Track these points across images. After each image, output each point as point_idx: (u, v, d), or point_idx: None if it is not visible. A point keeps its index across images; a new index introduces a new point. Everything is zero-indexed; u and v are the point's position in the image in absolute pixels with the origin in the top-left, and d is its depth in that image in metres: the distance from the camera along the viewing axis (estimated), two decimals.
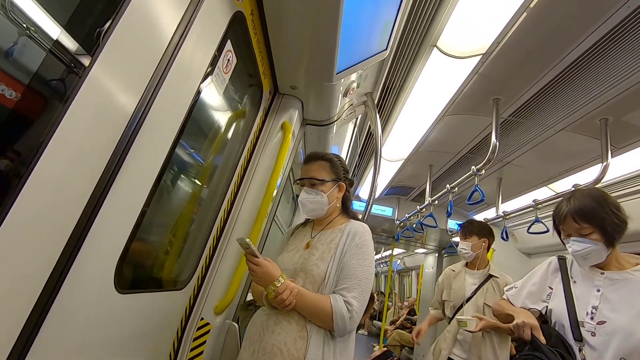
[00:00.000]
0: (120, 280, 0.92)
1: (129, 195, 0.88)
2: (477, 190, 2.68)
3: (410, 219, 4.55)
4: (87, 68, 0.65)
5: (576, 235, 1.32)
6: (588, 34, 1.83)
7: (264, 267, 1.11)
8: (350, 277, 1.16)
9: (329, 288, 1.17)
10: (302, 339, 1.11)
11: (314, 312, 1.12)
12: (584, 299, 1.33)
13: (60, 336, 0.76)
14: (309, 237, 1.36)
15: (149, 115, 0.84)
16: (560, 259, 1.52)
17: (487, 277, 2.33)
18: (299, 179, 1.40)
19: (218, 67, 1.18)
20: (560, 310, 1.37)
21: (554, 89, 2.30)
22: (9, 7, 0.60)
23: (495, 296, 2.21)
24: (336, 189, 1.36)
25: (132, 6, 0.72)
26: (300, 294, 1.13)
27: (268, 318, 1.18)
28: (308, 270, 1.20)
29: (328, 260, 1.20)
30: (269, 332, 1.14)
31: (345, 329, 1.12)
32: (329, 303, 1.11)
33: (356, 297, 1.13)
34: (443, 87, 2.38)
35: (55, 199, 0.66)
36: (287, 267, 1.26)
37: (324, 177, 1.34)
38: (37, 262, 0.66)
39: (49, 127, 0.61)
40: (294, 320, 1.14)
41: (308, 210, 1.35)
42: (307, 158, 1.43)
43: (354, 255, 1.20)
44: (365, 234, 1.27)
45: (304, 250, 1.30)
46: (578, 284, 1.39)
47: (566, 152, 3.05)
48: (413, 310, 8.20)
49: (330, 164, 1.37)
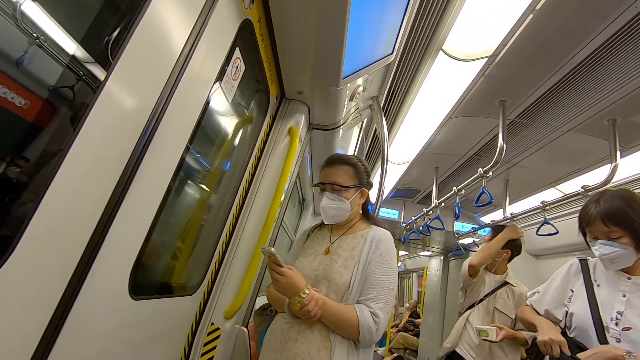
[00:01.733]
0: (134, 286, 0.94)
1: (143, 202, 0.89)
2: (484, 192, 2.67)
3: (417, 221, 4.53)
4: (102, 81, 0.67)
5: (604, 238, 1.28)
6: (595, 34, 1.82)
7: (288, 277, 1.07)
8: (375, 287, 1.14)
9: (352, 297, 1.14)
10: (325, 349, 1.08)
11: (340, 323, 1.10)
12: (608, 304, 1.28)
13: (78, 342, 0.77)
14: (328, 241, 1.32)
15: (161, 124, 0.85)
16: (582, 260, 1.47)
17: (503, 283, 2.33)
18: (319, 182, 1.35)
19: (227, 74, 1.20)
20: (583, 315, 1.33)
21: (561, 89, 2.29)
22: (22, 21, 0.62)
23: (508, 302, 2.21)
24: (359, 194, 1.32)
25: (145, 19, 0.73)
26: (325, 304, 1.09)
27: (290, 327, 1.15)
28: (331, 279, 1.17)
29: (352, 268, 1.17)
30: (292, 341, 1.11)
31: (371, 341, 1.10)
32: (355, 314, 1.08)
33: (382, 308, 1.11)
34: (449, 90, 2.38)
35: (74, 208, 0.67)
36: (306, 272, 1.22)
37: (347, 183, 1.29)
38: (56, 270, 0.67)
39: (68, 139, 0.63)
40: (317, 330, 1.11)
41: (330, 216, 1.31)
42: (328, 161, 1.37)
43: (379, 265, 1.17)
44: (389, 241, 1.24)
45: (323, 256, 1.26)
46: (602, 287, 1.34)
47: (574, 153, 3.02)
48: (415, 313, 8.15)
49: (354, 169, 1.33)
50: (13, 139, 0.68)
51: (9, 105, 0.64)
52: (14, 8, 0.63)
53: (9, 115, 0.65)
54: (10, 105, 0.64)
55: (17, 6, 0.64)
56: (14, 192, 0.63)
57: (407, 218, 5.19)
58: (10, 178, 0.63)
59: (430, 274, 7.14)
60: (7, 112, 0.64)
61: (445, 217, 4.15)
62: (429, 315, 6.55)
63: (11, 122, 0.66)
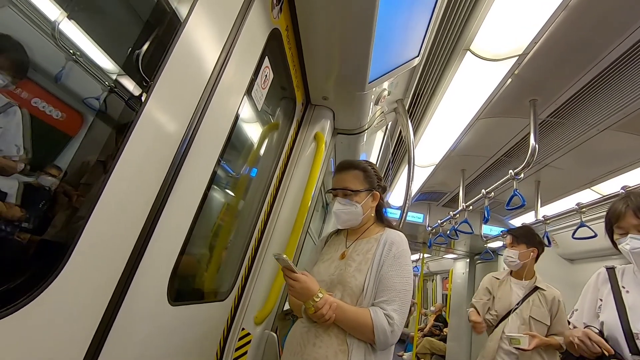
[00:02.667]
0: (172, 292, 0.96)
1: (180, 212, 0.92)
2: (516, 194, 2.58)
3: (443, 225, 4.43)
4: (144, 101, 0.70)
5: (635, 232, 1.25)
6: (633, 29, 1.74)
7: (302, 282, 1.10)
8: (389, 289, 1.14)
9: (367, 300, 1.15)
10: (343, 352, 1.09)
11: (355, 326, 1.11)
12: (638, 309, 1.24)
13: (123, 346, 0.80)
14: (343, 246, 1.34)
15: (196, 137, 0.88)
16: (609, 268, 1.44)
17: (534, 289, 2.22)
18: (331, 189, 1.38)
19: (257, 83, 1.22)
20: (612, 322, 1.29)
21: (597, 87, 2.19)
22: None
23: (541, 309, 2.11)
24: (370, 198, 1.33)
25: (181, 39, 0.76)
26: (339, 308, 1.11)
27: (308, 331, 1.17)
28: (346, 283, 1.18)
29: (365, 272, 1.18)
30: (310, 345, 1.13)
31: (387, 343, 1.10)
32: (369, 317, 1.09)
33: (396, 310, 1.11)
34: (476, 91, 2.32)
35: (119, 220, 0.70)
36: (323, 278, 1.24)
37: (357, 187, 1.31)
38: (103, 279, 0.70)
39: (114, 154, 0.66)
40: (334, 334, 1.12)
41: (342, 221, 1.32)
42: (339, 167, 1.39)
43: (392, 267, 1.17)
44: (402, 243, 1.23)
45: (339, 261, 1.27)
46: (631, 293, 1.30)
47: (611, 152, 2.88)
48: (441, 316, 7.95)
49: (364, 173, 1.34)
50: (67, 157, 0.72)
51: (59, 124, 0.68)
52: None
53: (57, 132, 0.69)
54: (61, 124, 0.68)
55: (56, 27, 0.67)
56: (65, 205, 0.66)
57: (433, 221, 5.09)
58: (62, 192, 0.66)
59: (456, 276, 6.96)
60: (59, 131, 0.68)
61: (472, 220, 4.03)
62: (455, 319, 6.38)
63: (66, 141, 0.70)
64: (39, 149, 0.68)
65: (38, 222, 0.64)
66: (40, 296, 0.57)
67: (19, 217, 0.61)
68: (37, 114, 0.65)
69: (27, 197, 0.62)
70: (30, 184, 0.63)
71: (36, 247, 0.61)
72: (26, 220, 0.62)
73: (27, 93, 0.63)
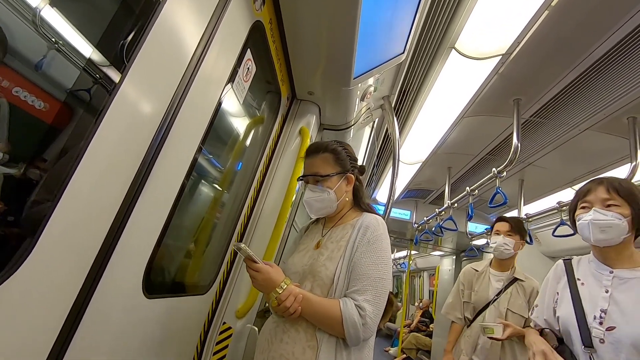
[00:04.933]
0: (147, 284, 0.95)
1: (156, 202, 0.91)
2: (499, 192, 2.62)
3: (429, 222, 4.48)
4: (117, 83, 0.68)
5: (601, 206, 1.21)
6: (614, 30, 1.77)
7: (264, 273, 1.02)
8: (361, 277, 1.04)
9: (339, 291, 1.05)
10: (311, 348, 1.01)
11: (323, 320, 1.02)
12: (592, 302, 1.20)
13: (94, 338, 0.79)
14: (320, 235, 1.24)
15: (174, 125, 0.87)
16: (566, 260, 1.40)
17: (512, 280, 2.23)
18: (301, 176, 1.28)
19: (238, 76, 1.21)
20: (567, 315, 1.25)
21: (578, 87, 2.23)
22: (41, 25, 0.64)
23: (519, 300, 2.12)
24: (344, 182, 1.22)
25: (158, 22, 0.74)
26: (306, 299, 1.02)
27: (276, 326, 1.10)
28: (316, 273, 1.09)
29: (337, 260, 1.08)
30: (277, 341, 1.06)
31: (358, 337, 1.00)
32: (339, 308, 1.00)
33: (369, 301, 1.01)
34: (462, 89, 2.35)
35: (89, 208, 0.69)
36: (296, 269, 1.16)
37: (328, 171, 1.20)
38: (72, 269, 0.69)
39: (84, 140, 0.64)
40: (302, 329, 1.04)
41: (316, 209, 1.22)
42: (307, 151, 1.29)
43: (366, 253, 1.07)
44: (379, 227, 1.12)
45: (314, 251, 1.19)
46: (586, 285, 1.25)
47: (592, 152, 2.95)
48: (427, 312, 8.07)
49: (334, 155, 1.22)
50: (31, 140, 0.70)
51: (28, 108, 0.66)
52: (34, 13, 0.65)
53: (28, 117, 0.67)
54: (29, 107, 0.66)
55: (36, 12, 0.66)
56: (32, 192, 0.65)
57: (419, 219, 5.15)
58: (29, 179, 0.65)
59: (443, 273, 7.06)
60: (26, 114, 0.66)
61: (458, 217, 4.09)
62: (441, 315, 6.47)
63: (30, 124, 0.68)
64: (10, 135, 0.67)
65: (3, 210, 0.63)
66: (4, 284, 0.56)
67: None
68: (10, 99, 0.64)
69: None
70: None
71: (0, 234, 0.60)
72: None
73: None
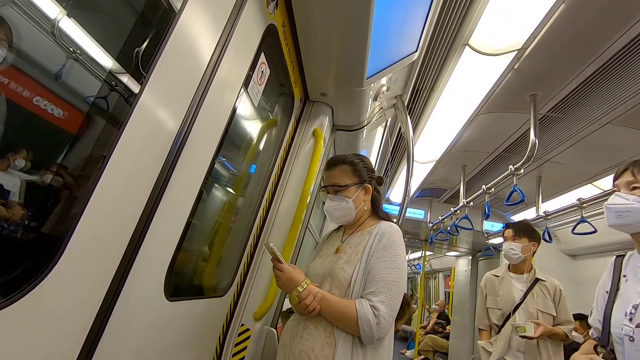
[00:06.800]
0: (168, 287, 0.97)
1: (176, 207, 0.92)
2: (516, 190, 2.57)
3: (444, 221, 4.42)
4: (137, 93, 0.70)
5: (625, 189, 1.20)
6: (634, 22, 1.72)
7: (287, 273, 1.13)
8: (377, 280, 1.11)
9: (355, 292, 1.13)
10: (329, 345, 1.09)
11: (340, 318, 1.10)
12: (626, 298, 1.15)
13: (120, 341, 0.80)
14: (339, 241, 1.34)
15: (192, 132, 0.88)
16: (619, 256, 1.34)
17: (535, 281, 2.22)
18: (323, 186, 1.39)
19: (253, 79, 1.22)
20: (599, 316, 1.21)
21: (597, 81, 2.17)
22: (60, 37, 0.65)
23: (545, 300, 2.11)
24: (362, 191, 1.32)
25: (175, 32, 0.76)
26: (324, 299, 1.11)
27: (297, 324, 1.19)
28: (334, 275, 1.18)
29: (355, 264, 1.17)
30: (298, 338, 1.14)
31: (372, 336, 1.06)
32: (354, 308, 1.07)
33: (383, 302, 1.08)
34: (476, 86, 2.31)
35: (114, 215, 0.70)
36: (317, 272, 1.25)
37: (346, 182, 1.31)
38: (98, 274, 0.70)
39: (107, 149, 0.66)
40: (321, 326, 1.12)
41: (336, 217, 1.33)
42: (327, 164, 1.40)
43: (381, 257, 1.15)
44: (394, 234, 1.21)
45: (333, 255, 1.28)
46: (629, 281, 1.20)
47: (613, 147, 2.86)
48: (443, 314, 7.96)
49: (352, 167, 1.33)
50: (57, 149, 0.72)
51: (50, 117, 0.68)
52: (53, 25, 0.67)
53: (53, 127, 0.69)
54: (50, 116, 0.68)
55: (55, 23, 0.67)
56: (59, 201, 0.67)
57: (434, 218, 5.09)
58: (55, 187, 0.66)
59: (459, 274, 6.96)
60: (50, 124, 0.68)
61: (474, 216, 4.03)
62: (458, 317, 6.39)
63: (55, 133, 0.70)
64: (33, 144, 0.69)
65: (31, 217, 0.65)
66: (34, 290, 0.57)
67: (15, 212, 0.62)
68: (31, 109, 0.66)
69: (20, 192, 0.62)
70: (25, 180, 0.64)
71: (29, 242, 0.62)
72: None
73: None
